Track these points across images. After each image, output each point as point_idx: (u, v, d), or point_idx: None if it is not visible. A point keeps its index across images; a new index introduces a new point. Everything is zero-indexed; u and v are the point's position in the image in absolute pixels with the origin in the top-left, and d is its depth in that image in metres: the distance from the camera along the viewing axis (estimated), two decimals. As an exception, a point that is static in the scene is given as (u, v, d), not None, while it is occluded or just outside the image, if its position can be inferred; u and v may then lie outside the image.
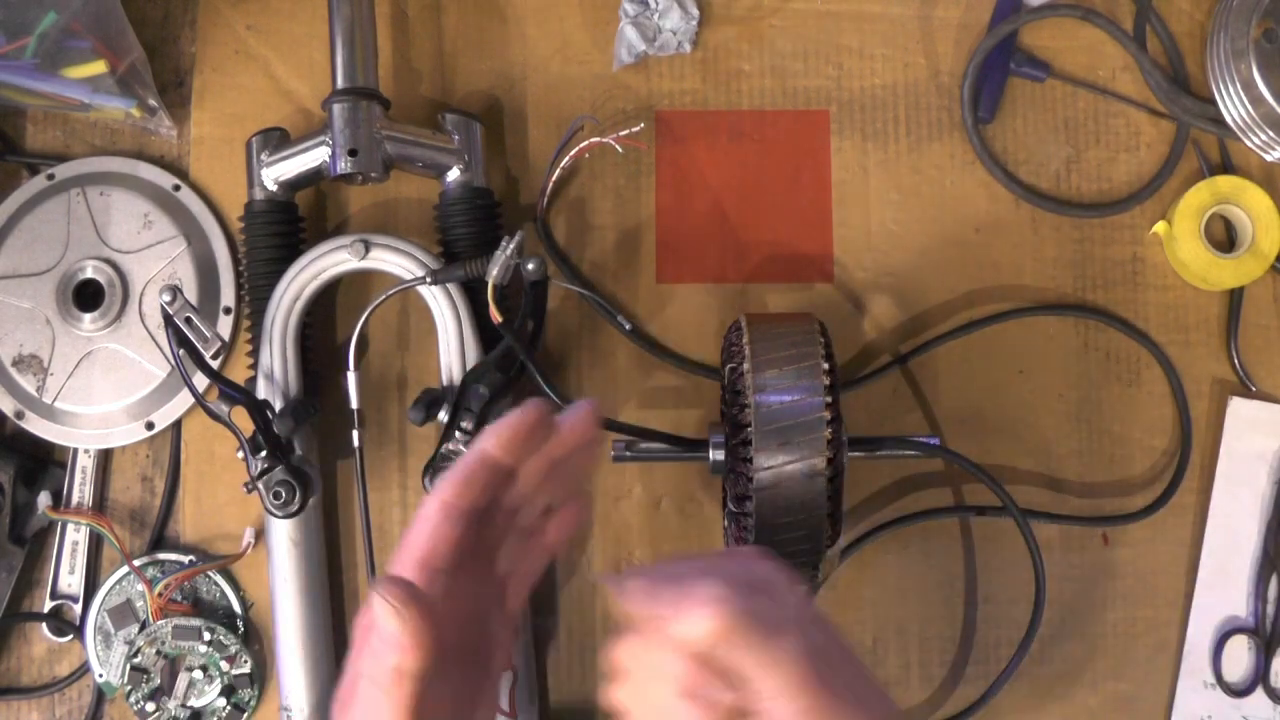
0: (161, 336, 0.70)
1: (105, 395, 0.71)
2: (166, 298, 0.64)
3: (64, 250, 0.72)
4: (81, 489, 0.72)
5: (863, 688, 0.44)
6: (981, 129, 0.75)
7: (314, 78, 0.75)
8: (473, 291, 0.68)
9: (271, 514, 0.65)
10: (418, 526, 0.49)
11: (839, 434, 0.59)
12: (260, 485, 0.64)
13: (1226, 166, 0.75)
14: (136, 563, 0.70)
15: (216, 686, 0.69)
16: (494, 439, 0.49)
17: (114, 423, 0.71)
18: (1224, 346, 0.74)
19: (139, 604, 0.70)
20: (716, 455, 0.63)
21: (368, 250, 0.67)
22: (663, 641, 0.42)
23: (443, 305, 0.67)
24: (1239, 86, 0.72)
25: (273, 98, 0.75)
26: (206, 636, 0.69)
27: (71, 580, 0.71)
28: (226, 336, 0.72)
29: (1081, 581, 0.72)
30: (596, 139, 0.72)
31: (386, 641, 0.45)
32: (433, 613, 0.46)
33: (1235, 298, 0.74)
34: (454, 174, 0.70)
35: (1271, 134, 0.72)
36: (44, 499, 0.71)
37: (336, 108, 0.68)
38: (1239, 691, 0.71)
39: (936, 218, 0.75)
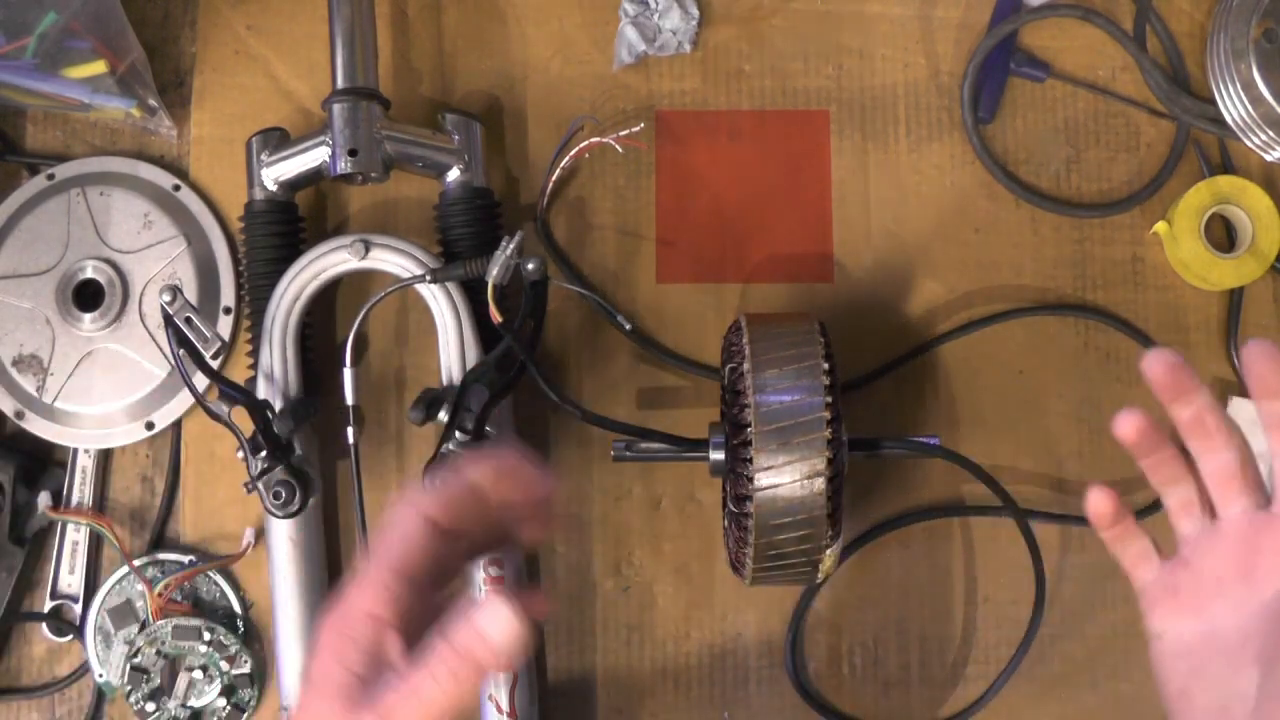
0: (161, 336, 0.70)
1: (105, 395, 0.71)
2: (166, 298, 0.64)
3: (64, 250, 0.72)
4: (81, 489, 0.72)
5: None
6: (981, 129, 0.75)
7: (314, 78, 0.75)
8: (473, 291, 0.68)
9: (271, 514, 0.65)
10: (397, 530, 0.45)
11: (839, 434, 0.59)
12: (260, 485, 0.64)
13: (1226, 166, 0.75)
14: (136, 563, 0.70)
15: (216, 686, 0.69)
16: (485, 470, 0.47)
17: (114, 423, 0.71)
18: (1224, 346, 0.74)
19: (139, 604, 0.70)
20: (716, 455, 0.63)
21: (368, 250, 0.67)
22: None
23: (443, 305, 0.67)
24: (1239, 86, 0.72)
25: (273, 98, 0.75)
26: (206, 636, 0.69)
27: (71, 580, 0.71)
28: (226, 336, 0.72)
29: (1081, 581, 0.72)
30: (596, 139, 0.72)
31: (492, 651, 0.41)
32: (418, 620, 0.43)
33: (1235, 298, 0.74)
34: (454, 174, 0.70)
35: (1271, 134, 0.72)
36: (44, 499, 0.71)
37: (336, 108, 0.68)
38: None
39: (936, 218, 0.75)
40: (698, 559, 0.72)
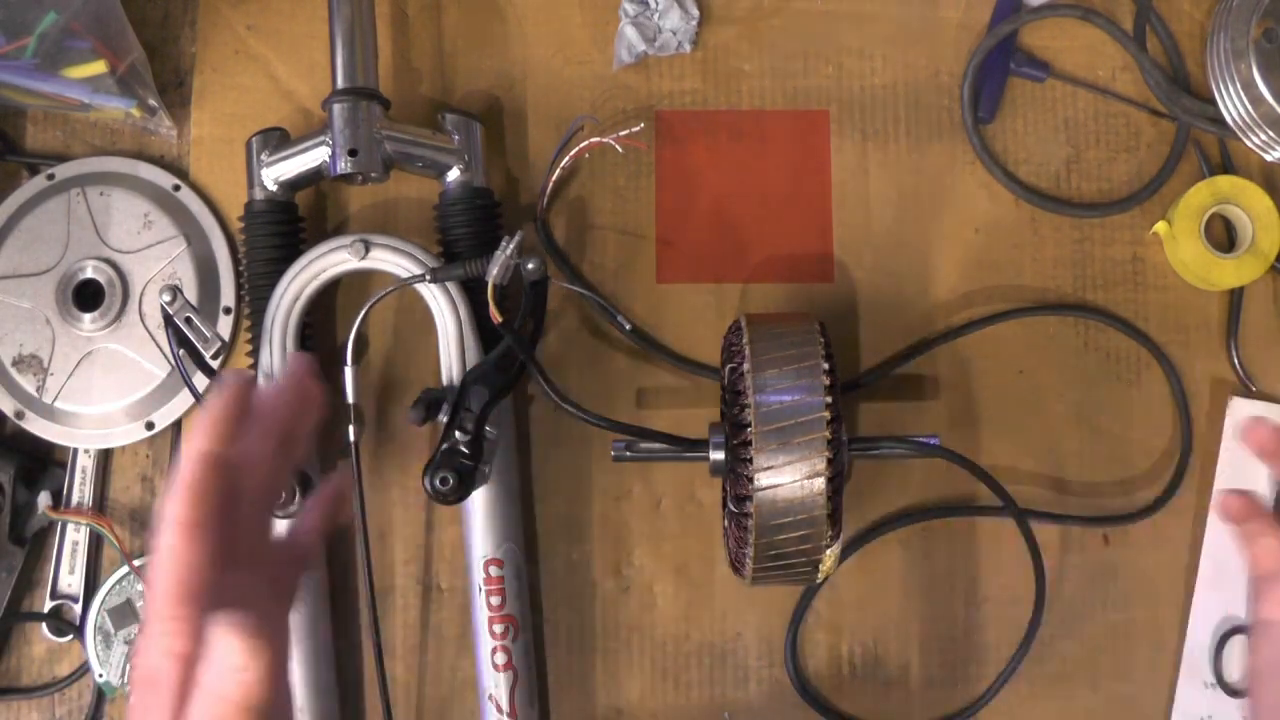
0: (161, 336, 0.70)
1: (105, 395, 0.71)
2: (166, 298, 0.64)
3: (64, 250, 0.72)
4: (81, 489, 0.72)
5: None
6: (981, 129, 0.75)
7: (314, 78, 0.75)
8: (473, 291, 0.68)
9: (272, 514, 0.65)
10: (160, 558, 0.43)
11: (839, 434, 0.59)
12: (260, 485, 0.64)
13: (1226, 166, 0.75)
14: (136, 563, 0.70)
15: (216, 686, 0.69)
16: (202, 433, 0.45)
17: (114, 423, 0.71)
18: (1224, 346, 0.74)
19: (139, 604, 0.70)
20: (716, 455, 0.63)
21: (368, 250, 0.67)
22: None
23: (443, 305, 0.67)
24: (1239, 86, 0.72)
25: (273, 98, 0.75)
26: (206, 636, 0.69)
27: (71, 580, 0.71)
28: (226, 336, 0.72)
29: (1081, 581, 0.72)
30: (596, 139, 0.72)
31: (231, 679, 0.41)
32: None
33: (1235, 298, 0.74)
34: (454, 174, 0.70)
35: (1271, 134, 0.72)
36: (44, 499, 0.71)
37: (336, 108, 0.68)
38: (1239, 691, 0.71)
39: (936, 218, 0.75)
40: (698, 559, 0.72)
